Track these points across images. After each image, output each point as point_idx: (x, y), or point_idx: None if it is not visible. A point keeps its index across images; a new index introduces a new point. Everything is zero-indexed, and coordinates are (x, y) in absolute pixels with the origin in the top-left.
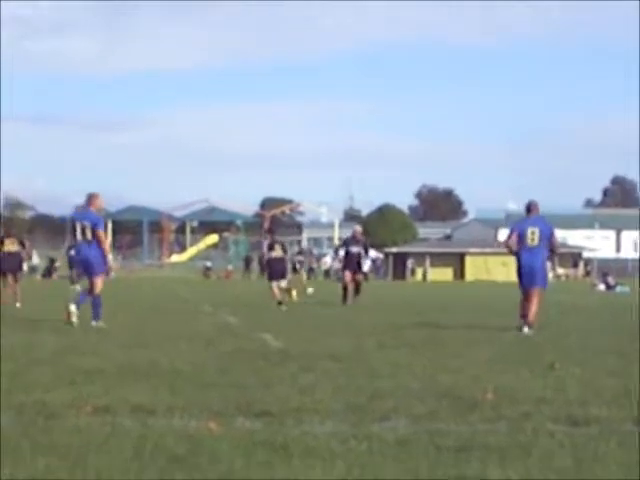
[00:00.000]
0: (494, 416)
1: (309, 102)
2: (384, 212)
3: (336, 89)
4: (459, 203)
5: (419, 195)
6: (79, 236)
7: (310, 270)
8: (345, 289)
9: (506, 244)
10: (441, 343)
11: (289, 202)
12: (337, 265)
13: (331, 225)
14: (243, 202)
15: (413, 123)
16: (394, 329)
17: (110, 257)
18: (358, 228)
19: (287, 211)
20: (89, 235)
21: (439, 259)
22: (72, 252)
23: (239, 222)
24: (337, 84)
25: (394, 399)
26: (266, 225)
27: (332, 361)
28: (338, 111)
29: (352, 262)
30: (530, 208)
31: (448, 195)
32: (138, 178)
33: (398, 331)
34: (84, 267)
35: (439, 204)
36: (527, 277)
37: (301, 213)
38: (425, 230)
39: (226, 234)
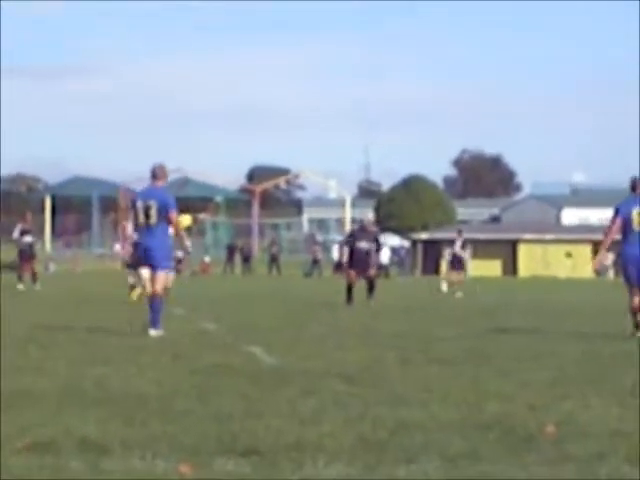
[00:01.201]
0: (556, 456)
1: (310, 41)
2: (411, 186)
3: (345, 22)
4: (510, 174)
5: (458, 163)
6: (141, 219)
7: (314, 262)
8: (350, 288)
9: (609, 232)
10: (486, 359)
11: (285, 172)
12: (384, 259)
13: (341, 203)
14: (225, 172)
15: (451, 68)
16: (423, 340)
17: (188, 244)
18: (369, 217)
19: (283, 184)
20: (154, 218)
21: (484, 248)
22: (132, 238)
23: (219, 199)
24: (347, 16)
25: (423, 433)
26: (255, 202)
27: (342, 382)
28: (348, 53)
29: (360, 261)
30: (636, 184)
31: (496, 163)
32: (86, 141)
33: (428, 343)
34: (146, 259)
35: (484, 175)
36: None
37: (301, 187)
38: (465, 210)
39: (203, 215)
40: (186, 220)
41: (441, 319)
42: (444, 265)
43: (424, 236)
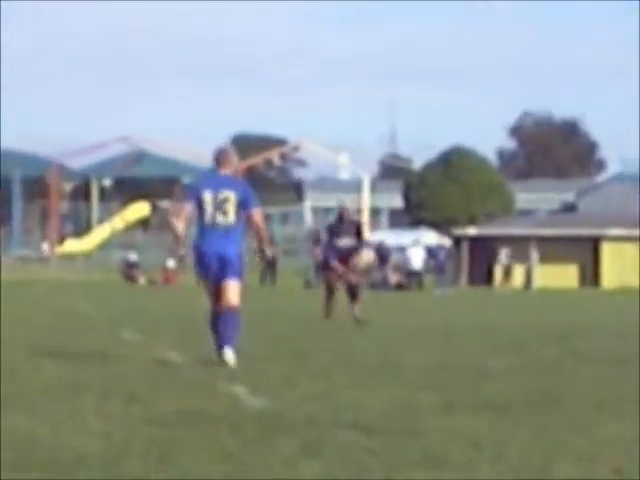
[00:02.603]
0: None
1: None
2: (453, 163)
3: None
4: (590, 146)
5: (517, 131)
6: (209, 216)
7: (318, 267)
8: (330, 291)
9: None
10: (555, 403)
11: (280, 144)
12: (391, 275)
13: (356, 186)
14: (195, 143)
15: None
16: (470, 376)
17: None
18: (344, 205)
19: (277, 160)
20: (232, 216)
21: (554, 249)
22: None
23: (188, 180)
24: None
25: None
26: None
27: (357, 434)
28: None
29: (341, 261)
30: None
31: (570, 131)
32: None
33: (477, 380)
34: (218, 266)
35: (554, 148)
36: None
37: (302, 164)
38: (528, 196)
39: (164, 203)
40: (141, 210)
41: (494, 347)
42: (499, 272)
43: (471, 232)
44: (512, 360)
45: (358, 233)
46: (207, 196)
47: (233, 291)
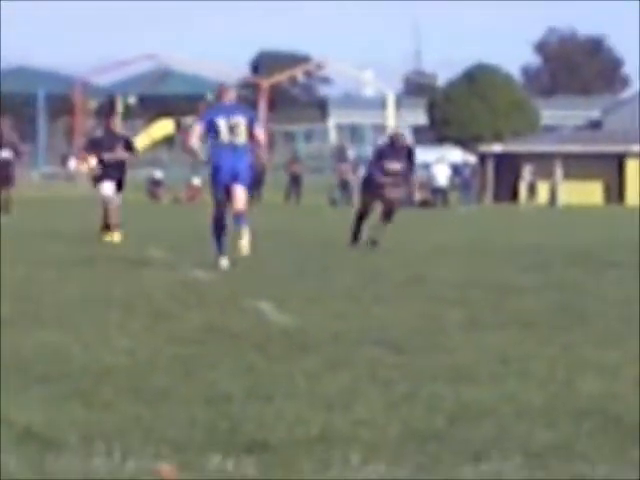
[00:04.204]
0: None
1: None
2: (477, 79)
3: None
4: (616, 62)
5: (542, 47)
6: (225, 137)
7: (342, 186)
8: (361, 218)
9: None
10: (580, 319)
11: (304, 61)
12: (442, 181)
13: (381, 103)
14: (221, 61)
15: None
16: (495, 292)
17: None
18: (399, 131)
19: (301, 77)
20: (243, 136)
21: (579, 166)
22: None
23: (212, 97)
24: None
25: (496, 421)
26: (263, 101)
27: (383, 350)
28: None
29: (385, 186)
30: None
31: (595, 48)
32: (29, 22)
33: (502, 296)
34: (231, 177)
35: (579, 64)
36: None
37: (326, 81)
38: (554, 112)
39: (189, 119)
40: (165, 127)
41: (520, 264)
42: (523, 190)
43: (497, 149)
44: (538, 277)
45: (409, 158)
46: (221, 122)
47: (241, 196)
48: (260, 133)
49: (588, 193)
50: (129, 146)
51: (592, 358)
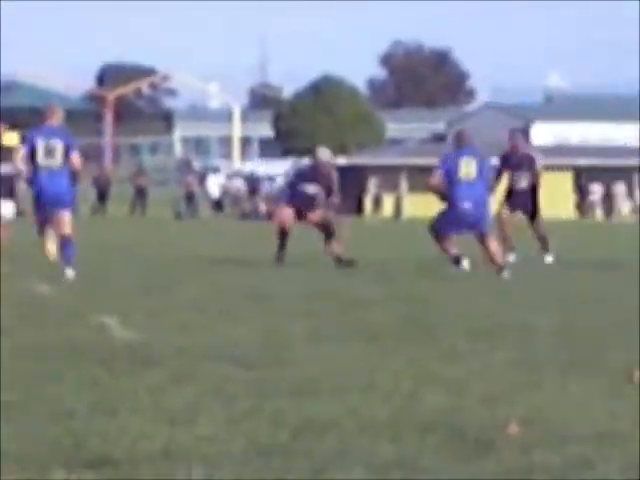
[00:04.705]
0: (521, 465)
1: None
2: (323, 92)
3: None
4: (460, 76)
5: (387, 60)
6: (42, 160)
7: (188, 198)
8: (284, 234)
9: None
10: (427, 332)
11: (149, 73)
12: (262, 205)
13: (226, 115)
14: (64, 72)
15: None
16: (341, 305)
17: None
18: (324, 153)
19: (146, 89)
20: (59, 159)
21: (424, 178)
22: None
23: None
24: None
25: (340, 434)
26: (108, 114)
27: (227, 364)
28: None
29: (302, 204)
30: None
31: (442, 61)
32: None
33: (348, 309)
34: (51, 202)
35: (425, 77)
36: None
37: (172, 92)
38: (399, 125)
39: None
40: (10, 140)
41: (365, 277)
42: (369, 203)
43: (342, 161)
44: (383, 290)
45: (328, 184)
46: (40, 144)
47: (64, 221)
48: (76, 158)
49: (433, 206)
50: None
51: (437, 372)
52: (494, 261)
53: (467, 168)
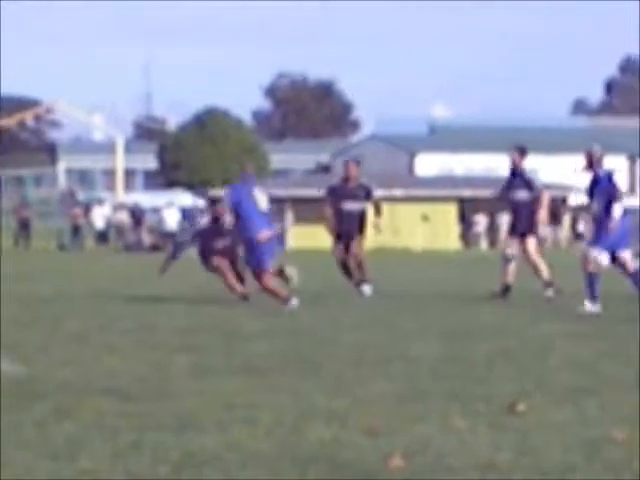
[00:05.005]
0: None
1: None
2: (207, 124)
3: None
4: (346, 107)
5: (272, 92)
6: None
7: (74, 230)
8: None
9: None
10: (310, 365)
11: (33, 105)
12: (146, 236)
13: (110, 147)
14: None
15: None
16: (223, 339)
17: None
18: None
19: (30, 121)
20: None
21: (308, 209)
22: None
23: None
24: None
25: (221, 467)
26: None
27: (110, 398)
28: None
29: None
30: None
31: (325, 92)
32: None
33: (231, 342)
34: None
35: (309, 108)
36: None
37: (56, 125)
38: (284, 157)
39: None
40: None
41: (250, 309)
42: None
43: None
44: (268, 323)
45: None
46: None
47: None
48: None
49: (318, 237)
50: None
51: (320, 405)
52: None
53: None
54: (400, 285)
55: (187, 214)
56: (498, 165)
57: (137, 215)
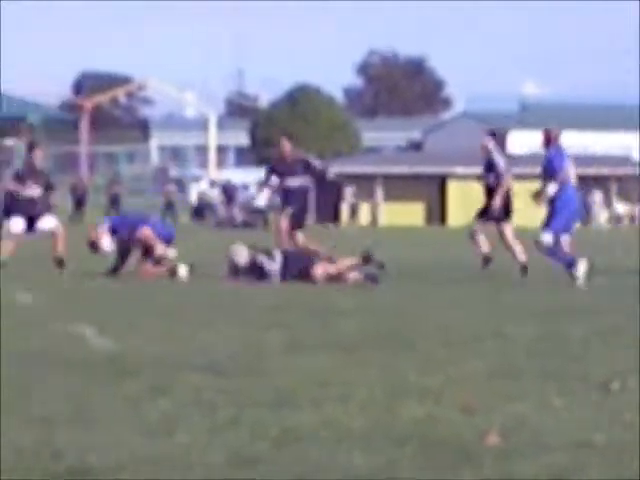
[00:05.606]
0: (500, 476)
1: None
2: (300, 101)
3: None
4: (437, 84)
5: (364, 69)
6: None
7: (167, 206)
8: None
9: None
10: (404, 342)
11: (126, 82)
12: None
13: (202, 123)
14: (42, 81)
15: None
16: (317, 316)
17: None
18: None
19: (123, 98)
20: None
21: (400, 186)
22: None
23: (34, 118)
24: None
25: (317, 444)
26: (85, 122)
27: (206, 375)
28: None
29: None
30: None
31: (417, 69)
32: None
33: (325, 320)
34: None
35: (401, 86)
36: None
37: (148, 102)
38: (375, 134)
39: (10, 141)
40: None
41: (342, 286)
42: (345, 211)
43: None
44: (357, 301)
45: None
46: None
47: None
48: None
49: (409, 214)
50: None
51: (415, 381)
52: None
53: None
54: (495, 264)
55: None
56: (589, 142)
57: (229, 192)
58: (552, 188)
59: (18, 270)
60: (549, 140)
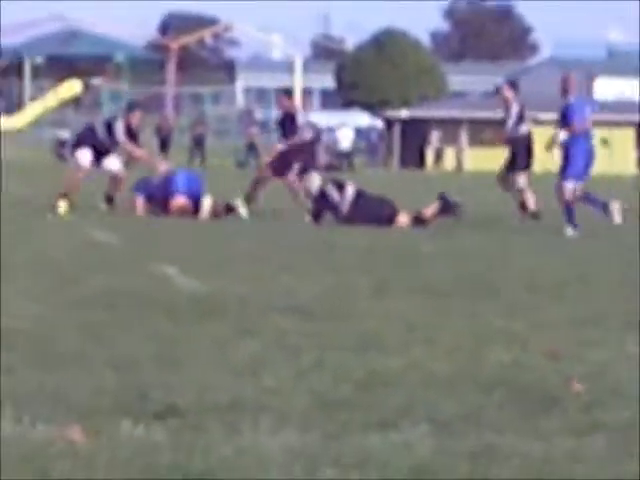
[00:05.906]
0: (583, 423)
1: None
2: (386, 44)
3: None
4: (524, 30)
5: (451, 14)
6: None
7: (249, 148)
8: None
9: None
10: (489, 288)
11: (212, 23)
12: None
13: (288, 66)
14: (128, 22)
15: None
16: (404, 260)
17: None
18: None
19: (209, 39)
20: None
21: (487, 132)
22: None
23: (120, 58)
24: None
25: (404, 388)
26: (171, 63)
27: (291, 317)
28: None
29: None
30: None
31: (504, 15)
32: None
33: (411, 264)
34: None
35: (488, 31)
36: None
37: (234, 43)
38: (462, 78)
39: (97, 80)
40: (73, 87)
41: (426, 231)
42: (430, 155)
43: (404, 114)
44: (444, 244)
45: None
46: None
47: None
48: None
49: (494, 159)
50: None
51: (501, 327)
52: None
53: None
54: (578, 212)
55: (363, 134)
56: None
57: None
58: (562, 135)
59: (96, 208)
60: (567, 88)
